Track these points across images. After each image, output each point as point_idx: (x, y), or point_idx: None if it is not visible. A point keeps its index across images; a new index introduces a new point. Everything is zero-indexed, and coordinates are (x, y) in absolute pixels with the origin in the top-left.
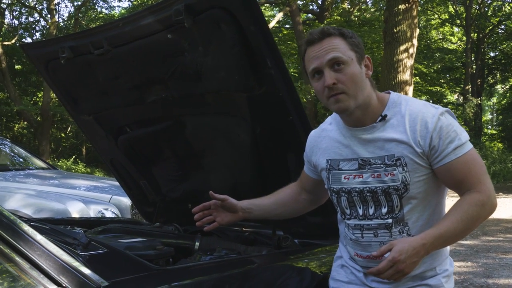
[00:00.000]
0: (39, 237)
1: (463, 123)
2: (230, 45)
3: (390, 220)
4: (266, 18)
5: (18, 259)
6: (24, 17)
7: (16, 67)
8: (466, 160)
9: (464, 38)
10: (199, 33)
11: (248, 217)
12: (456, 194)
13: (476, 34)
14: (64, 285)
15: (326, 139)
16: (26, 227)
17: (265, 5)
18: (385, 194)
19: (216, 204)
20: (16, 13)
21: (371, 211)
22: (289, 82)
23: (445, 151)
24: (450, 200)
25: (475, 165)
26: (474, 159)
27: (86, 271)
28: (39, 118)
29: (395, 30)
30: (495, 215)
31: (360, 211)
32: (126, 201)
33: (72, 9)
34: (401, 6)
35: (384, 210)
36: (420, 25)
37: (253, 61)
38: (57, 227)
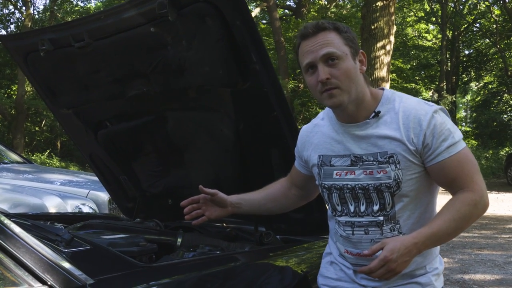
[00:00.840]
0: (23, 234)
1: None
2: (215, 40)
3: (381, 218)
4: None
5: (2, 256)
6: None
7: None
8: (459, 158)
9: (440, 36)
10: (183, 27)
11: (237, 212)
12: (448, 192)
13: (451, 32)
14: (49, 283)
15: (318, 135)
16: (11, 224)
17: None
18: (377, 191)
19: (205, 198)
20: None
21: (362, 208)
22: (274, 78)
23: (438, 149)
24: (443, 197)
25: (468, 164)
26: (467, 158)
27: (70, 267)
28: (13, 112)
29: (372, 27)
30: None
31: (352, 208)
32: (103, 196)
33: (48, 1)
34: (379, 3)
35: (376, 208)
36: (396, 22)
37: (238, 56)
38: (38, 223)
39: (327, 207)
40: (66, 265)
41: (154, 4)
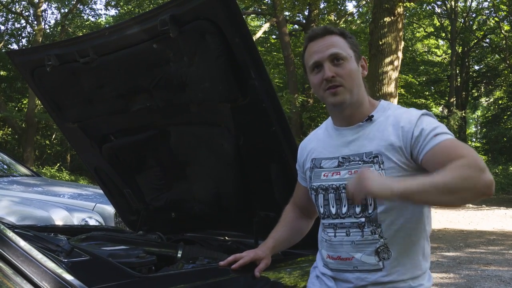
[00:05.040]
0: (22, 243)
1: None
2: (215, 56)
3: (363, 219)
4: (252, 29)
5: (1, 264)
6: (10, 23)
7: (1, 73)
8: (449, 144)
9: (449, 51)
10: (184, 44)
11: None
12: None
13: (461, 47)
14: None
15: (314, 141)
16: (10, 233)
17: (252, 15)
18: None
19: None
20: (2, 19)
21: (344, 209)
22: (273, 93)
23: (427, 139)
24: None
25: (459, 146)
26: (459, 143)
27: (69, 277)
28: (23, 125)
29: (380, 43)
30: (478, 227)
31: (333, 210)
32: (109, 209)
33: (59, 16)
34: (387, 19)
35: (358, 209)
36: (406, 37)
37: (237, 72)
38: (40, 234)
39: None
40: (65, 274)
41: (156, 21)
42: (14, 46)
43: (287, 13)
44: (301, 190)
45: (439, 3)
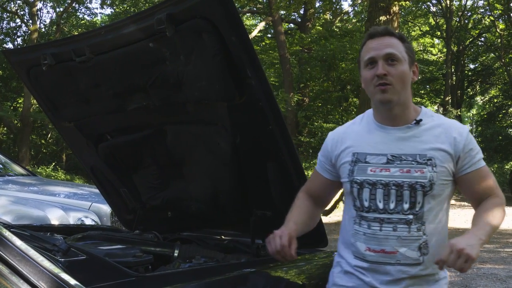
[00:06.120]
0: (19, 242)
1: None
2: (212, 55)
3: (411, 216)
4: (248, 28)
5: None
6: (5, 22)
7: None
8: (486, 170)
9: (445, 50)
10: (181, 43)
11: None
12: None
13: (456, 46)
14: None
15: (352, 135)
16: (6, 233)
17: (247, 14)
18: (410, 189)
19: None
20: None
21: (391, 205)
22: (269, 92)
23: (473, 159)
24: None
25: (491, 176)
26: (489, 171)
27: (65, 277)
28: (19, 124)
29: None
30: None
31: (381, 205)
32: (106, 208)
33: (54, 15)
34: (382, 18)
35: (406, 206)
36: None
37: (233, 71)
38: (37, 234)
39: (349, 208)
40: (61, 274)
41: (152, 20)
42: (9, 46)
43: (282, 12)
44: (320, 180)
45: (434, 1)
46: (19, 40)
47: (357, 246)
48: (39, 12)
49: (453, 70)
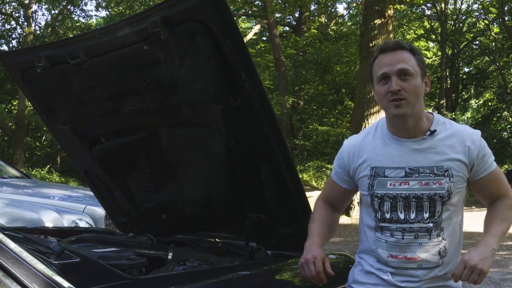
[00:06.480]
0: (12, 245)
1: None
2: (206, 58)
3: (431, 224)
4: (243, 30)
5: None
6: (0, 24)
7: None
8: (498, 171)
9: (439, 53)
10: (175, 45)
11: None
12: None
13: (451, 49)
14: None
15: (368, 147)
16: (0, 235)
17: (243, 17)
18: (430, 200)
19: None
20: None
21: (412, 215)
22: (263, 95)
23: (486, 164)
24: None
25: (503, 176)
26: (500, 171)
27: (59, 279)
28: (13, 127)
29: (370, 45)
30: (468, 228)
31: (402, 216)
32: (100, 211)
33: (49, 17)
34: (377, 21)
35: (426, 215)
36: (396, 39)
37: (228, 74)
38: (30, 236)
39: (369, 217)
40: (55, 276)
41: (147, 23)
42: (4, 48)
43: (277, 15)
44: (338, 190)
45: (429, 5)
46: (14, 42)
47: (378, 252)
48: (34, 14)
49: (447, 73)
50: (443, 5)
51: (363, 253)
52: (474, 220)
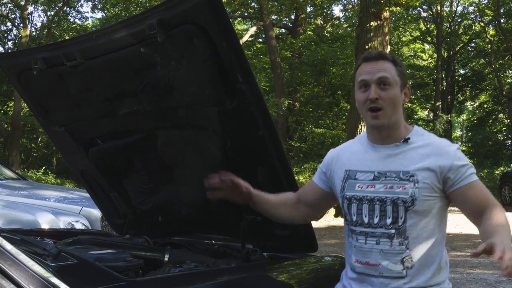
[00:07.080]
0: (9, 247)
1: None
2: (202, 60)
3: (393, 231)
4: (239, 32)
5: None
6: None
7: None
8: (479, 184)
9: (435, 55)
10: (172, 48)
11: (252, 205)
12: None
13: (446, 51)
14: None
15: (347, 153)
16: None
17: (239, 19)
18: (393, 204)
19: (236, 186)
20: None
21: (375, 220)
22: (259, 97)
23: (464, 175)
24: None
25: (485, 189)
26: (482, 185)
27: (56, 281)
28: (9, 128)
29: (366, 47)
30: (464, 230)
31: (366, 219)
32: (96, 213)
33: (45, 19)
34: (373, 23)
35: (389, 221)
36: (392, 41)
37: (224, 76)
38: (27, 238)
39: (345, 221)
40: (52, 278)
41: (143, 25)
42: (0, 49)
43: (274, 17)
44: (312, 188)
45: (425, 7)
46: (9, 44)
47: (351, 257)
48: (30, 16)
49: (443, 75)
50: (439, 7)
51: (346, 260)
52: (469, 222)
